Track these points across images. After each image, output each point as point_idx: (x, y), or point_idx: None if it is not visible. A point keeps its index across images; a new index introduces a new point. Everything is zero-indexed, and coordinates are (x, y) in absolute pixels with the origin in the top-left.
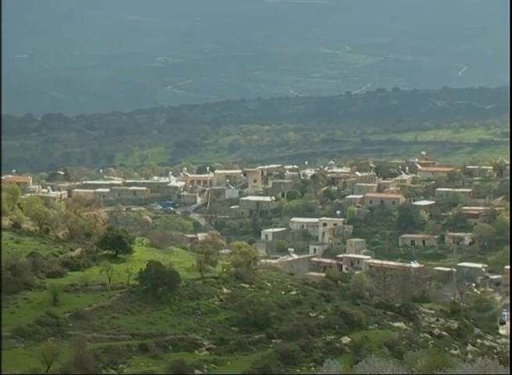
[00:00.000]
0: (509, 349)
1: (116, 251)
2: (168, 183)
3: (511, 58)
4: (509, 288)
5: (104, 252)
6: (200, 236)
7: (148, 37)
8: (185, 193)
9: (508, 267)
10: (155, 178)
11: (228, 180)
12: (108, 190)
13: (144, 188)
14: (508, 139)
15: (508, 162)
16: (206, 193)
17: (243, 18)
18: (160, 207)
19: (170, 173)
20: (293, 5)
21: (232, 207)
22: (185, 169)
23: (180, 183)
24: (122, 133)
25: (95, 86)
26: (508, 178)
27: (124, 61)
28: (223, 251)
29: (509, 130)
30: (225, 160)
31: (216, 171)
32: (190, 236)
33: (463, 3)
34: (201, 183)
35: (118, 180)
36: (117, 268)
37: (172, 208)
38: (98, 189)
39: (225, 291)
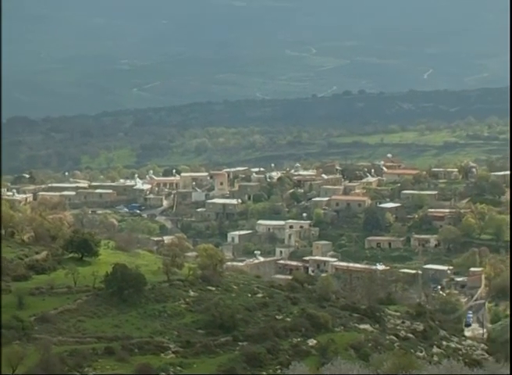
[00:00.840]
0: (472, 352)
1: (82, 254)
2: (134, 185)
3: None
4: None
5: (70, 255)
6: (167, 239)
7: (115, 40)
8: (151, 196)
9: (473, 269)
10: (121, 181)
11: (194, 183)
12: (73, 193)
13: (110, 191)
14: (473, 142)
15: (473, 165)
16: (172, 196)
17: (210, 20)
18: (126, 210)
19: (136, 175)
20: (260, 8)
21: (199, 210)
22: (151, 171)
23: (146, 186)
24: (87, 136)
25: (61, 88)
26: (473, 180)
27: (90, 63)
28: (189, 253)
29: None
30: (192, 163)
31: (182, 174)
32: (156, 239)
33: (429, 7)
34: (167, 186)
35: (84, 183)
36: (83, 271)
37: (138, 211)
38: (64, 192)
39: (191, 293)
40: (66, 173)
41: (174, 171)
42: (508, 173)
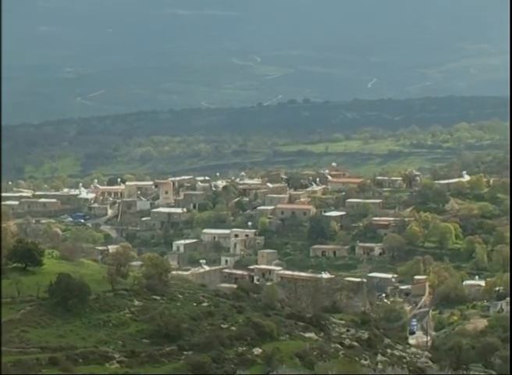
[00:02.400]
0: (416, 359)
1: (26, 264)
2: (78, 195)
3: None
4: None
5: (14, 265)
6: (111, 248)
7: (58, 48)
8: (96, 205)
9: (417, 277)
10: (65, 190)
11: (139, 192)
12: (17, 202)
13: (54, 200)
14: (417, 150)
15: (417, 173)
16: (117, 205)
17: (156, 29)
18: (70, 219)
19: (80, 184)
20: (205, 17)
21: (144, 219)
22: (95, 180)
23: (91, 195)
24: (31, 145)
25: (3, 97)
26: (417, 189)
27: (34, 72)
28: (134, 263)
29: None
30: (137, 172)
31: (127, 183)
32: (100, 248)
33: (373, 16)
34: (112, 195)
35: (27, 193)
36: (26, 281)
37: (82, 221)
38: (7, 201)
39: (136, 303)
40: (10, 183)
41: (119, 180)
42: (452, 181)
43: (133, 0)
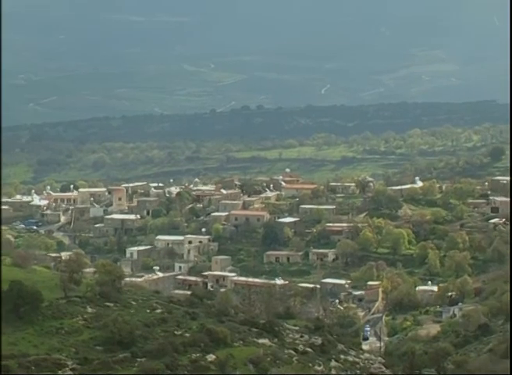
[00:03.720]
0: (369, 365)
1: None
2: (31, 201)
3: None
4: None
5: None
6: (64, 255)
7: (10, 54)
8: (48, 212)
9: (371, 283)
10: (18, 197)
11: (92, 199)
12: None
13: (6, 207)
14: (370, 156)
15: (370, 179)
16: (70, 211)
17: (108, 36)
18: (23, 226)
19: (33, 191)
20: (158, 23)
21: (97, 225)
22: (48, 187)
23: (43, 202)
24: None
25: None
26: (370, 195)
27: None
28: (88, 270)
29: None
30: (90, 178)
31: (80, 189)
32: (53, 255)
33: (326, 22)
34: (65, 202)
35: None
36: None
37: (35, 227)
38: None
39: (89, 310)
40: None
41: (72, 187)
42: (404, 187)
43: (86, 6)
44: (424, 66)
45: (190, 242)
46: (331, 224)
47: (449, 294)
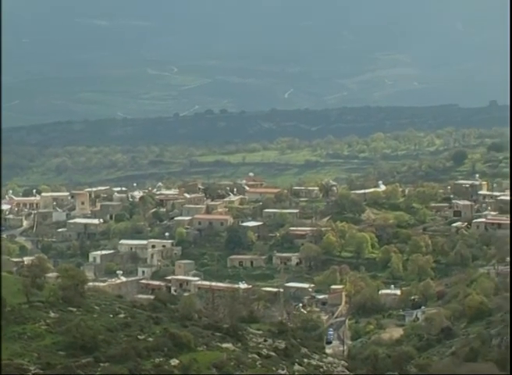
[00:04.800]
0: (333, 369)
1: None
2: None
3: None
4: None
5: None
6: (27, 259)
7: None
8: (11, 216)
9: (334, 287)
10: None
11: (55, 203)
12: None
13: None
14: (333, 160)
15: (333, 183)
16: (32, 216)
17: (71, 39)
18: None
19: None
20: (122, 27)
21: (60, 230)
22: (10, 191)
23: (6, 206)
24: None
25: None
26: (333, 199)
27: None
28: (50, 274)
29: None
30: (52, 182)
31: (43, 194)
32: (16, 260)
33: (289, 26)
34: (28, 206)
35: None
36: None
37: None
38: None
39: (52, 314)
40: None
41: (34, 191)
42: (367, 191)
43: (49, 10)
44: (387, 70)
45: (153, 246)
46: (294, 228)
47: (412, 297)
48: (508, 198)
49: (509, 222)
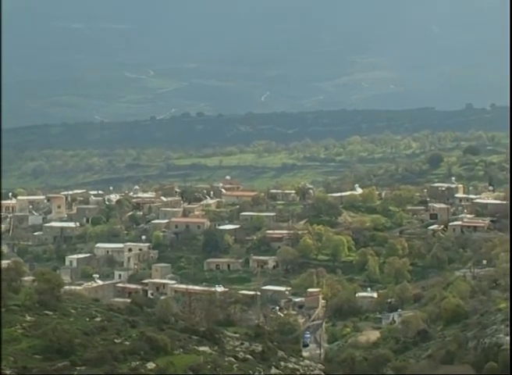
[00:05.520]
0: (309, 372)
1: None
2: None
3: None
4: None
5: None
6: (3, 263)
7: None
8: None
9: (311, 290)
10: None
11: (31, 206)
12: None
13: None
14: (310, 163)
15: (310, 186)
16: (8, 219)
17: (48, 42)
18: None
19: None
20: (98, 30)
21: (36, 233)
22: None
23: None
24: None
25: None
26: (310, 202)
27: None
28: (26, 278)
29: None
30: (29, 186)
31: (19, 197)
32: None
33: (265, 29)
34: (3, 210)
35: None
36: None
37: None
38: None
39: (28, 318)
40: None
41: (10, 194)
42: (344, 194)
43: (25, 13)
44: (364, 74)
45: (129, 250)
46: (271, 231)
47: (389, 300)
48: (484, 201)
49: (484, 224)
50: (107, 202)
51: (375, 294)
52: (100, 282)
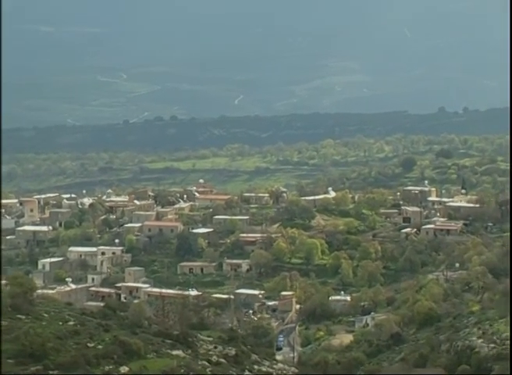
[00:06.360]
0: None
1: None
2: None
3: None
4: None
5: None
6: None
7: None
8: None
9: (284, 293)
10: None
11: (3, 210)
12: None
13: None
14: (283, 167)
15: (283, 190)
16: None
17: (19, 46)
18: None
19: None
20: (70, 34)
21: (8, 237)
22: None
23: None
24: None
25: None
26: (284, 205)
27: None
28: None
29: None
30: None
31: None
32: None
33: (239, 33)
34: None
35: None
36: None
37: None
38: None
39: None
40: None
41: None
42: (317, 197)
43: None
44: (336, 77)
45: (103, 253)
46: (245, 235)
47: (362, 303)
48: (456, 204)
49: (456, 228)
50: (80, 206)
51: (348, 298)
52: (73, 286)
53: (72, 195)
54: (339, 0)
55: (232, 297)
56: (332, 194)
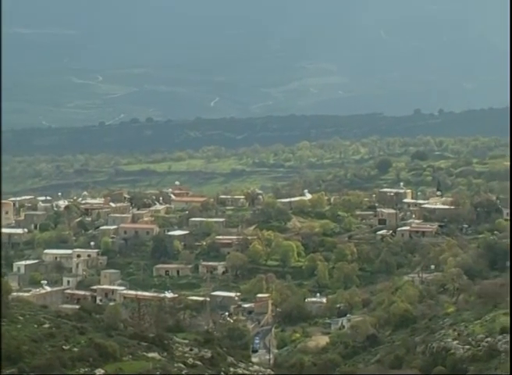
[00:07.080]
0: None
1: None
2: None
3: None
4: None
5: None
6: None
7: None
8: None
9: (260, 295)
10: None
11: None
12: None
13: None
14: (259, 169)
15: (259, 192)
16: None
17: None
18: None
19: None
20: (44, 35)
21: None
22: None
23: None
24: None
25: None
26: (260, 207)
27: None
28: None
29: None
30: None
31: None
32: None
33: (215, 35)
34: None
35: None
36: None
37: None
38: None
39: None
40: None
41: None
42: (293, 199)
43: None
44: (312, 79)
45: (78, 256)
46: (220, 237)
47: (338, 305)
48: (432, 206)
49: (432, 230)
50: (55, 208)
51: (324, 300)
52: (48, 288)
53: (48, 198)
54: (316, 2)
55: (208, 299)
56: (308, 196)
